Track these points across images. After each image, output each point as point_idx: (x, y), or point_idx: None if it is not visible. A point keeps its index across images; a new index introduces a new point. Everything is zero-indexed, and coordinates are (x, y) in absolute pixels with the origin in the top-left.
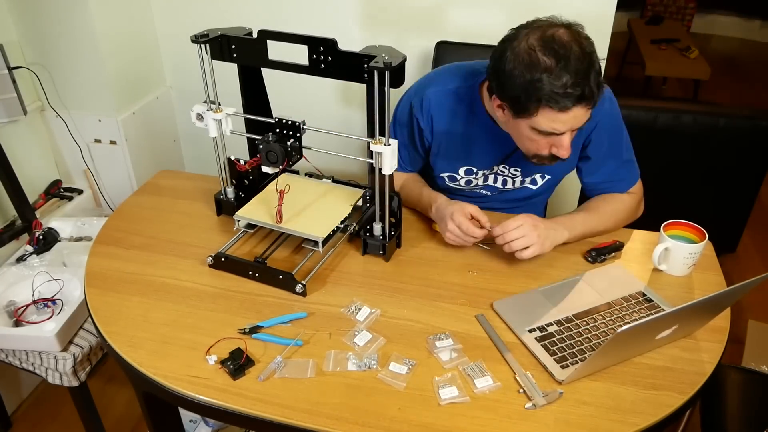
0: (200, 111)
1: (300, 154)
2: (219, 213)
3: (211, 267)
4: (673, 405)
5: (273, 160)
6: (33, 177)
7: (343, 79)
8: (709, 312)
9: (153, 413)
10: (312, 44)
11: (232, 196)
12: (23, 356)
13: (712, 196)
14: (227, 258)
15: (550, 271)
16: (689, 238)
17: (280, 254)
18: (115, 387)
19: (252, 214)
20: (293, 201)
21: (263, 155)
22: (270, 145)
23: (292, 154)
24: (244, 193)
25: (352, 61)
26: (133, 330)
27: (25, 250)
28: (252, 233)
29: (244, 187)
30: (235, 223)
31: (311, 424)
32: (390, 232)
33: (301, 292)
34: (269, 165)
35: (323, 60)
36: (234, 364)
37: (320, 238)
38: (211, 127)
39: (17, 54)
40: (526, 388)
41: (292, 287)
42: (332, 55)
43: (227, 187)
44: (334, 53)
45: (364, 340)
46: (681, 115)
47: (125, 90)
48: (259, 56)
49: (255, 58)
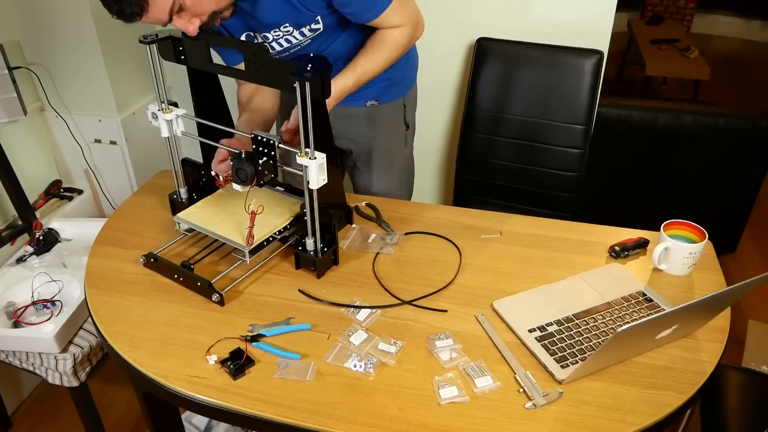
0: (154, 110)
1: (274, 173)
2: (173, 213)
3: (145, 266)
4: (673, 405)
5: (243, 179)
6: (33, 177)
7: (275, 87)
8: (709, 312)
9: (153, 413)
10: (246, 50)
11: (185, 197)
12: (23, 356)
13: (712, 196)
14: (156, 259)
15: (550, 271)
16: (689, 237)
17: (212, 259)
18: (115, 387)
19: (194, 217)
20: (239, 208)
21: (234, 172)
22: (241, 162)
23: (263, 173)
24: (198, 195)
25: (281, 69)
26: (133, 330)
27: (25, 251)
28: (191, 236)
29: (198, 189)
30: (176, 224)
31: (311, 424)
32: (323, 247)
33: (218, 301)
34: (239, 183)
35: (257, 66)
36: (234, 364)
37: (247, 248)
38: (162, 128)
39: (17, 54)
40: (526, 388)
41: (209, 295)
42: (264, 62)
43: (181, 188)
44: (266, 60)
45: (360, 340)
46: (681, 115)
47: (125, 90)
48: (203, 59)
49: (200, 60)
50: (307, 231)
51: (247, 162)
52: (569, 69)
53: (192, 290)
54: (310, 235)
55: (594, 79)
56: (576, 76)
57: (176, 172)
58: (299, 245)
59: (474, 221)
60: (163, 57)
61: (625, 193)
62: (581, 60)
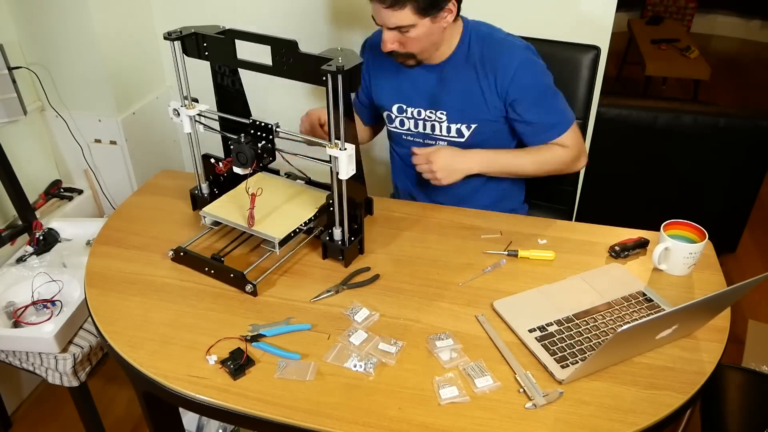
0: (176, 107)
1: (272, 156)
2: (194, 208)
3: (173, 260)
4: (673, 405)
5: (243, 161)
6: (33, 177)
7: (304, 81)
8: (709, 312)
9: (153, 413)
10: (274, 45)
11: (206, 192)
12: (23, 356)
13: (712, 195)
14: (186, 253)
15: (550, 271)
16: (689, 237)
17: (241, 251)
18: (115, 387)
19: (219, 211)
20: (263, 201)
21: (234, 156)
22: (241, 146)
23: (263, 156)
24: (219, 190)
25: (310, 64)
26: (133, 330)
27: (25, 251)
28: (217, 229)
29: (219, 184)
30: (201, 219)
31: (311, 424)
32: (350, 237)
33: (251, 291)
34: (239, 166)
35: (285, 61)
36: (234, 364)
37: (277, 238)
38: (185, 123)
39: (17, 54)
40: (526, 388)
41: (242, 286)
42: (293, 57)
43: (202, 183)
44: (295, 55)
45: (360, 340)
46: (681, 115)
47: (125, 90)
48: (228, 55)
49: (225, 56)
50: (335, 221)
51: (247, 145)
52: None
53: (224, 282)
54: (338, 225)
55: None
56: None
57: (197, 168)
58: (327, 236)
59: (474, 221)
60: (187, 54)
61: (625, 193)
62: (578, 55)
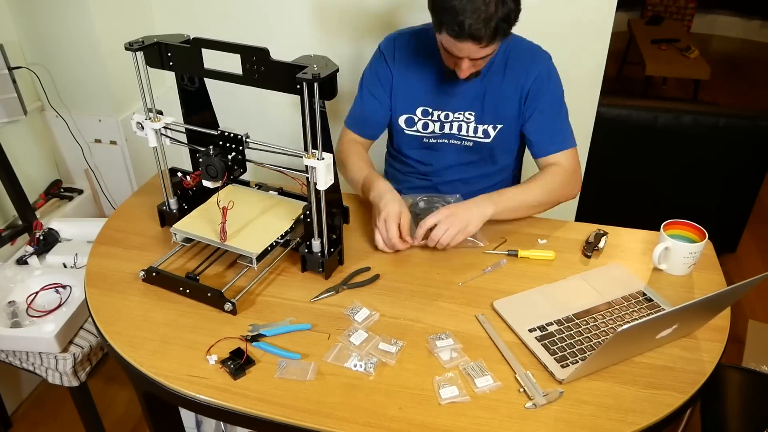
0: (140, 120)
1: (243, 168)
2: (162, 224)
3: (144, 281)
4: (673, 404)
5: (213, 174)
6: (33, 177)
7: (276, 89)
8: (709, 312)
9: (153, 413)
10: (244, 53)
11: (175, 208)
12: (23, 356)
13: (712, 195)
14: (158, 273)
15: (550, 271)
16: (689, 237)
17: (216, 269)
18: (115, 387)
19: (190, 227)
20: (236, 215)
21: (203, 169)
22: (210, 158)
23: (233, 168)
24: (189, 205)
25: (283, 72)
26: (133, 330)
27: (25, 251)
28: (190, 247)
29: (188, 198)
30: (172, 236)
31: (311, 424)
32: (330, 248)
33: (230, 310)
34: (209, 179)
35: (256, 70)
36: (234, 364)
37: (254, 254)
38: (150, 137)
39: (17, 54)
40: (526, 388)
41: (221, 305)
42: (264, 65)
43: (170, 198)
44: (266, 63)
45: (360, 340)
46: (681, 115)
47: (125, 90)
48: (194, 64)
49: (190, 66)
50: (313, 232)
51: (216, 157)
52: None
53: (201, 302)
54: (317, 236)
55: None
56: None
57: (164, 183)
58: (306, 248)
59: None
60: (149, 64)
61: (625, 192)
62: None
